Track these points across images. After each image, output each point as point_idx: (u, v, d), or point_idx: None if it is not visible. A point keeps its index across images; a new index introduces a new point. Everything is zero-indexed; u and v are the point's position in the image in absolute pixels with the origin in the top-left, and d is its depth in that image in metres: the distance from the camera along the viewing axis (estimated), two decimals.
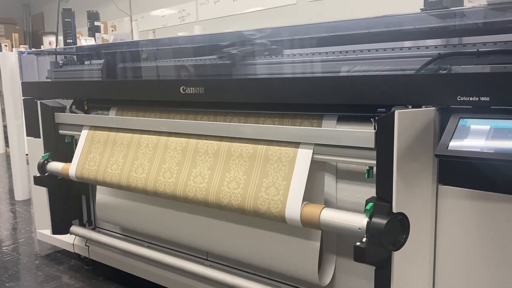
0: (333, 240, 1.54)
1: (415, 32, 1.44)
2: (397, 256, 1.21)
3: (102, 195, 2.14)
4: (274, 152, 1.47)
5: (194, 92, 1.71)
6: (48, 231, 2.38)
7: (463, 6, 1.41)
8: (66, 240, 2.46)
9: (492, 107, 1.16)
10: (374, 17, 1.45)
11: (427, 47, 1.41)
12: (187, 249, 1.99)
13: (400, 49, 1.46)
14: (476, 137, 1.14)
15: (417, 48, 1.43)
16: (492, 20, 1.26)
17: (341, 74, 1.55)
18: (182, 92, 1.74)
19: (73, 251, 2.46)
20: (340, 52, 1.60)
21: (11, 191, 4.19)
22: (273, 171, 1.45)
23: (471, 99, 1.17)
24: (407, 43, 1.48)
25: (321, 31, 1.67)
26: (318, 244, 1.47)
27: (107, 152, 1.95)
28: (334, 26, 1.63)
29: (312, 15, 3.91)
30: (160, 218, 1.92)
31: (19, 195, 3.98)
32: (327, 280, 1.53)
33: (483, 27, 1.30)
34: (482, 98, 1.16)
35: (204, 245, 1.81)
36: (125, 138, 1.91)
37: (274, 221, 1.45)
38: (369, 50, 1.53)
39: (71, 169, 2.05)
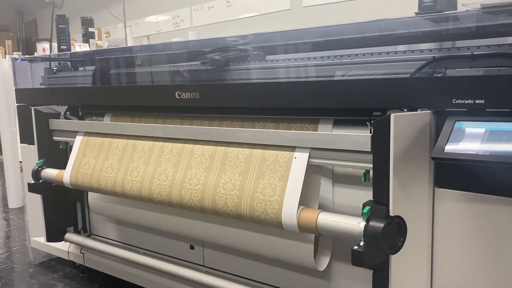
0: None
1: (409, 36, 1.45)
2: (394, 259, 1.21)
3: None
4: (270, 157, 1.47)
5: (189, 97, 1.71)
6: (42, 239, 2.36)
7: (457, 10, 1.42)
8: (61, 248, 2.44)
9: (487, 109, 1.17)
10: (369, 21, 1.46)
11: (421, 51, 1.42)
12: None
13: (395, 53, 1.46)
14: (471, 140, 1.15)
15: (412, 52, 1.44)
16: (486, 24, 1.27)
17: (336, 78, 1.55)
18: (178, 97, 1.74)
19: (67, 259, 2.44)
20: (335, 56, 1.60)
21: (4, 199, 4.15)
22: (269, 175, 1.45)
23: (466, 102, 1.18)
24: (401, 47, 1.49)
25: (316, 36, 1.68)
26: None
27: (101, 158, 1.93)
28: (329, 31, 1.63)
29: (306, 20, 3.92)
30: (155, 206, 1.88)
31: (12, 203, 3.94)
32: (323, 265, 1.52)
33: (477, 31, 1.31)
34: (477, 101, 1.16)
35: (201, 233, 1.78)
36: (120, 144, 1.90)
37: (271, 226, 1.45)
38: (364, 54, 1.54)
39: (66, 176, 2.03)
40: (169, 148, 1.73)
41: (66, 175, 2.03)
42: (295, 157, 1.41)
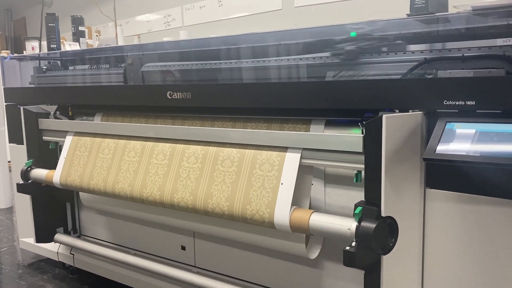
0: None
1: (401, 37, 1.46)
2: (386, 260, 1.22)
3: None
4: (262, 157, 1.46)
5: (181, 97, 1.70)
6: (31, 240, 2.34)
7: (448, 11, 1.43)
8: (50, 249, 2.41)
9: (477, 111, 1.18)
10: (361, 22, 1.46)
11: (413, 52, 1.43)
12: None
13: (387, 54, 1.47)
14: (462, 140, 1.16)
15: (403, 53, 1.44)
16: (476, 26, 1.28)
17: (328, 79, 1.55)
18: (169, 97, 1.73)
19: (57, 260, 2.41)
20: (327, 57, 1.60)
21: None
22: (261, 176, 1.44)
23: (457, 103, 1.19)
24: (393, 48, 1.49)
25: (309, 36, 1.68)
26: None
27: (92, 158, 1.92)
28: (321, 31, 1.63)
29: (298, 20, 3.92)
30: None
31: (1, 203, 3.90)
32: (315, 253, 1.52)
33: (468, 32, 1.32)
34: (468, 102, 1.17)
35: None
36: (111, 144, 1.88)
37: (263, 227, 1.45)
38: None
39: (55, 176, 2.01)
40: (161, 148, 1.72)
41: (56, 176, 2.01)
42: (287, 158, 1.41)
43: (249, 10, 4.33)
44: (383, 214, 1.19)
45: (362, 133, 1.28)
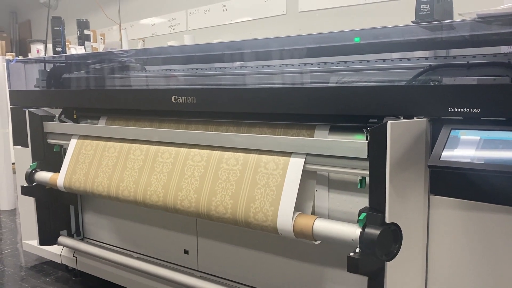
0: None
1: (406, 44, 1.46)
2: (390, 266, 1.22)
3: None
4: (266, 162, 1.47)
5: (186, 102, 1.71)
6: (34, 242, 2.34)
7: (453, 19, 1.43)
8: (53, 251, 2.42)
9: (482, 118, 1.18)
10: (367, 29, 1.46)
11: (418, 59, 1.43)
12: (177, 232, 1.95)
13: (391, 61, 1.47)
14: (467, 148, 1.16)
15: (408, 60, 1.45)
16: (481, 33, 1.28)
17: (333, 84, 1.56)
18: (174, 101, 1.74)
19: (60, 262, 2.42)
20: (332, 63, 1.61)
21: None
22: (264, 181, 1.45)
23: (462, 110, 1.19)
24: (398, 55, 1.50)
25: (313, 42, 1.68)
26: None
27: (96, 161, 1.92)
28: (327, 37, 1.64)
29: (302, 25, 3.93)
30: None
31: (4, 205, 3.91)
32: None
33: (473, 40, 1.32)
34: (473, 110, 1.18)
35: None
36: (115, 147, 1.89)
37: (267, 232, 1.45)
38: (360, 61, 1.55)
39: (59, 179, 2.02)
40: (164, 152, 1.73)
41: (60, 178, 2.02)
42: (291, 164, 1.41)
43: (254, 14, 4.35)
44: (387, 221, 1.19)
45: (367, 139, 1.28)
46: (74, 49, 2.81)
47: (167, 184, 1.66)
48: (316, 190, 1.53)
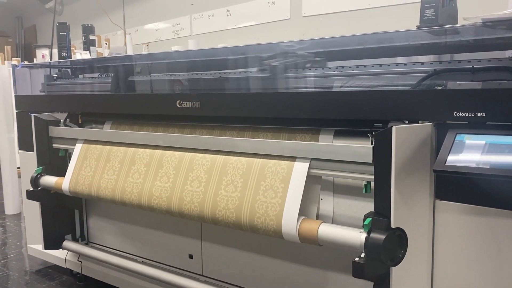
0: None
1: (410, 48, 1.46)
2: (395, 271, 1.21)
3: None
4: (270, 166, 1.47)
5: (190, 106, 1.71)
6: (39, 246, 2.35)
7: (458, 23, 1.43)
8: (58, 255, 2.42)
9: (488, 122, 1.18)
10: (371, 33, 1.46)
11: (422, 63, 1.43)
12: (182, 236, 1.94)
13: (396, 65, 1.47)
14: (472, 152, 1.15)
15: (413, 64, 1.45)
16: (486, 37, 1.28)
17: (337, 89, 1.56)
18: (179, 106, 1.74)
19: (65, 267, 2.42)
20: (336, 67, 1.61)
21: (1, 205, 4.13)
22: (269, 185, 1.45)
23: (467, 114, 1.19)
24: (402, 59, 1.50)
25: (317, 47, 1.68)
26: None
27: (101, 166, 1.93)
28: (331, 42, 1.64)
29: (305, 30, 3.94)
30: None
31: (9, 209, 3.92)
32: None
33: (478, 44, 1.32)
34: (478, 114, 1.17)
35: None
36: (120, 152, 1.90)
37: (271, 236, 1.45)
38: (365, 66, 1.55)
39: (65, 183, 2.03)
40: (169, 157, 1.73)
41: (65, 183, 2.03)
42: (295, 168, 1.41)
43: (257, 19, 4.36)
44: (392, 226, 1.19)
45: (372, 144, 1.28)
46: (80, 55, 2.83)
47: (172, 188, 1.66)
48: (321, 199, 1.52)
